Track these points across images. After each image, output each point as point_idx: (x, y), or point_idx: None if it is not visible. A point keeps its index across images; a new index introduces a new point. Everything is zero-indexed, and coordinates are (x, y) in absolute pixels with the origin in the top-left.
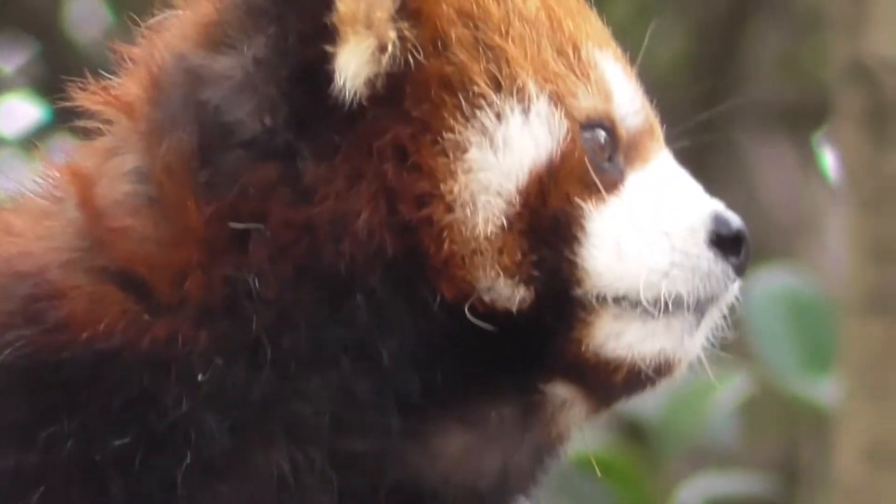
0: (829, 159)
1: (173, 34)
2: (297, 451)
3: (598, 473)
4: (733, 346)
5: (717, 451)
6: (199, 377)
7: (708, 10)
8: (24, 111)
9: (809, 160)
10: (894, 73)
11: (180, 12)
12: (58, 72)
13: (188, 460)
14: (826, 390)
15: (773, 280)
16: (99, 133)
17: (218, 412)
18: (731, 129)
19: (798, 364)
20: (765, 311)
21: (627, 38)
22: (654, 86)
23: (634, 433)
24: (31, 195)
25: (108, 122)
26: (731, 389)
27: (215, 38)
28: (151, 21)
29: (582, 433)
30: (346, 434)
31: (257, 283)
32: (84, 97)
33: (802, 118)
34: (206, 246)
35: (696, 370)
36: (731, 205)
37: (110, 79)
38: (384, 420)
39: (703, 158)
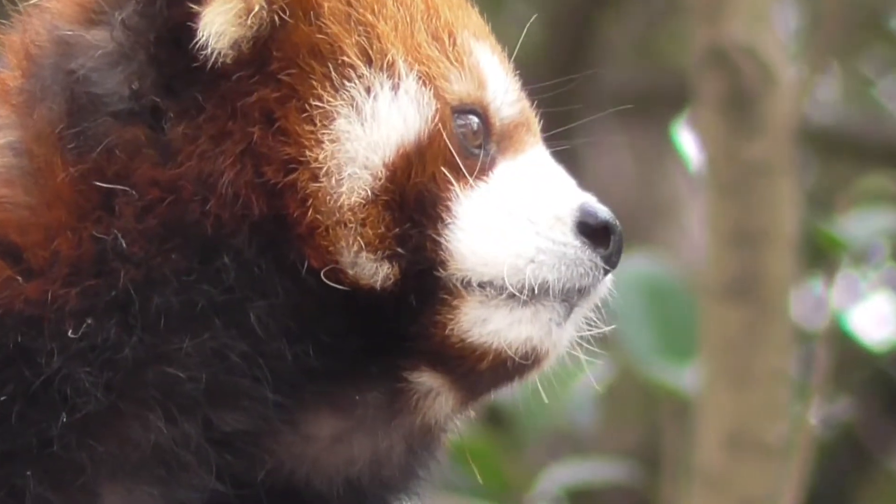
0: (688, 145)
1: (51, 13)
2: (173, 422)
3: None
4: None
5: (577, 438)
6: (70, 334)
7: None
8: None
9: (667, 146)
10: (752, 59)
11: None
12: None
13: (64, 418)
14: (686, 376)
15: (631, 266)
16: None
17: (90, 369)
18: (584, 115)
19: (658, 350)
20: (624, 296)
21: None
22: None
23: (494, 418)
24: None
25: None
26: (591, 375)
27: (89, 12)
28: (30, 2)
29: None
30: (220, 405)
31: (124, 243)
32: None
33: (659, 104)
34: (74, 207)
35: (564, 361)
36: (583, 191)
37: None
38: (258, 391)
39: (552, 143)
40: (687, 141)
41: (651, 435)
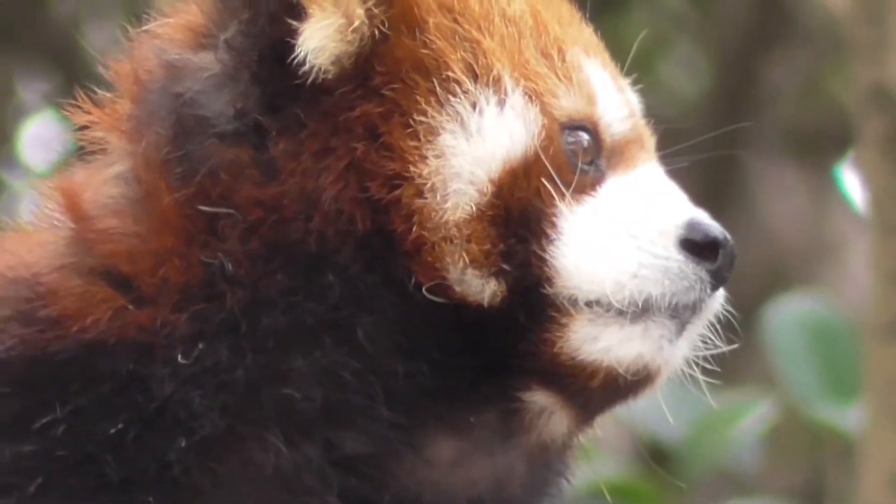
0: (853, 185)
1: (161, 39)
2: (293, 444)
3: (609, 500)
4: (757, 371)
5: (740, 478)
6: (181, 359)
7: (729, 37)
8: (51, 137)
9: (832, 186)
10: None
11: (169, 20)
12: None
13: (182, 442)
14: (850, 416)
15: (795, 306)
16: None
17: (203, 392)
18: (750, 155)
19: (822, 390)
20: (787, 336)
21: (649, 66)
22: (677, 113)
23: (657, 457)
24: (27, 217)
25: (101, 138)
26: (755, 415)
27: (198, 36)
28: (140, 30)
29: (601, 458)
30: (338, 424)
31: (230, 265)
32: (78, 116)
33: (824, 144)
34: (181, 232)
35: (683, 381)
36: (748, 230)
37: (105, 95)
38: (373, 410)
39: (720, 184)
40: (851, 181)
41: (815, 475)
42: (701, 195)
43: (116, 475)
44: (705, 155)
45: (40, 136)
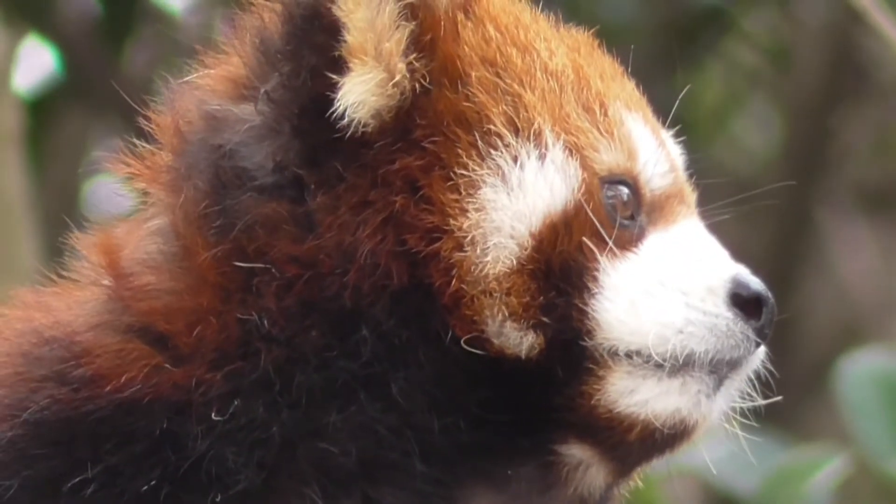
0: None
1: (202, 90)
2: (331, 498)
3: None
4: (829, 427)
5: None
6: (215, 416)
7: (802, 93)
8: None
9: None
10: None
11: (210, 71)
12: None
13: (217, 497)
14: None
15: (868, 361)
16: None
17: (238, 449)
18: (823, 211)
19: (895, 445)
20: (860, 392)
21: (723, 122)
22: (750, 169)
23: None
24: (67, 275)
25: (141, 192)
26: (828, 470)
27: (239, 87)
28: (180, 81)
29: None
30: (375, 479)
31: (266, 323)
32: (120, 169)
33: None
34: (218, 290)
35: (724, 435)
36: (821, 286)
37: (145, 147)
38: (409, 465)
39: (793, 240)
40: None
41: None
42: (774, 251)
43: None
44: (778, 210)
45: (108, 192)
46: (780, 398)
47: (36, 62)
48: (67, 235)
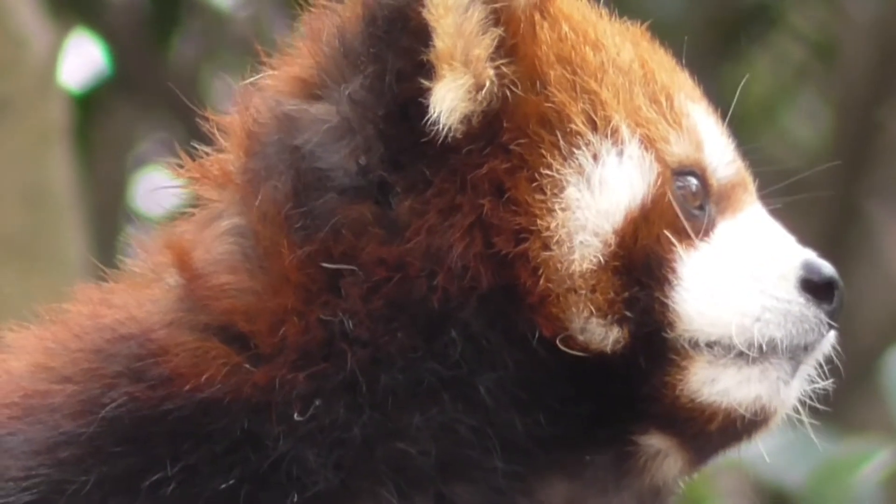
0: None
1: (271, 90)
2: (405, 498)
3: None
4: (877, 419)
5: None
6: (296, 417)
7: (851, 86)
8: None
9: None
10: None
11: (274, 71)
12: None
13: (294, 498)
14: None
15: None
16: (199, 207)
17: (318, 450)
18: (871, 203)
19: None
20: None
21: (772, 116)
22: (799, 162)
23: None
24: (130, 272)
25: (204, 196)
26: (876, 463)
27: (312, 87)
28: (245, 82)
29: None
30: (452, 478)
31: (351, 324)
32: (179, 174)
33: None
34: (301, 291)
35: (792, 423)
36: (869, 279)
37: (206, 152)
38: (488, 462)
39: (841, 232)
40: None
41: None
42: (822, 243)
43: None
44: (826, 202)
45: (156, 186)
46: (830, 383)
47: (83, 56)
48: (123, 233)
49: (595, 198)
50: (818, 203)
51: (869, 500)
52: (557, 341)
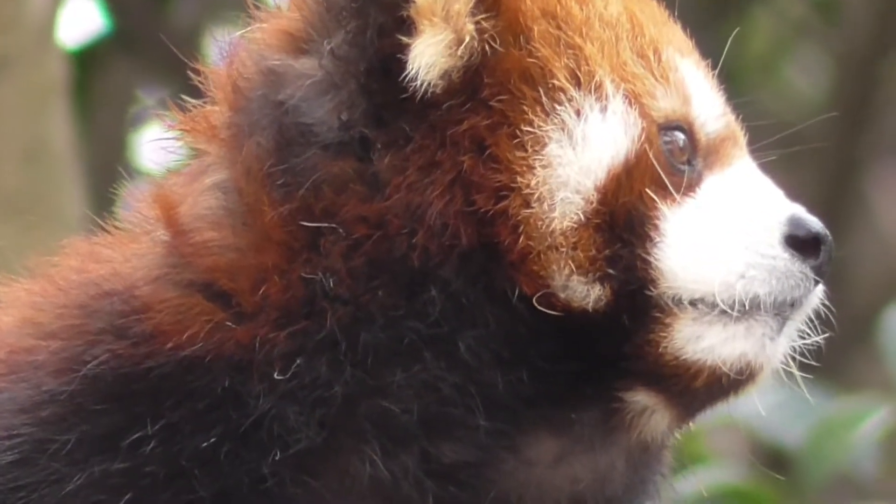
0: None
1: (258, 44)
2: (390, 455)
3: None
4: (874, 377)
5: (859, 483)
6: (278, 375)
7: (851, 42)
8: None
9: None
10: None
11: (263, 24)
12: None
13: (276, 455)
14: None
15: None
16: (190, 159)
17: (300, 408)
18: (869, 160)
19: None
20: None
21: (771, 70)
22: (797, 116)
23: (777, 464)
24: (119, 225)
25: (194, 148)
26: (873, 421)
27: (298, 41)
28: (233, 35)
29: (721, 464)
30: (436, 436)
31: (332, 282)
32: (170, 124)
33: None
34: (283, 248)
35: (781, 379)
36: (866, 236)
37: (196, 105)
38: (472, 420)
39: (837, 189)
40: None
41: None
42: (819, 200)
43: (208, 490)
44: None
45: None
46: (825, 337)
47: (82, 13)
48: (116, 186)
49: (577, 154)
50: (814, 159)
51: (866, 458)
52: (535, 301)
